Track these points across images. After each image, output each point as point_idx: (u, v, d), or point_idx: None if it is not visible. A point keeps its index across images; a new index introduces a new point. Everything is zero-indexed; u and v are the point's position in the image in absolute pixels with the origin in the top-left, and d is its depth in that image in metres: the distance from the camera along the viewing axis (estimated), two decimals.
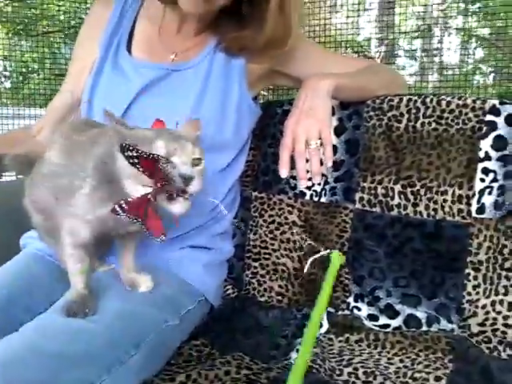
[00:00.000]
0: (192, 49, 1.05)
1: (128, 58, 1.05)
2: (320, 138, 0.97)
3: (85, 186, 0.73)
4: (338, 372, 0.89)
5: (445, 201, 1.03)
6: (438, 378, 0.85)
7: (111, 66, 1.04)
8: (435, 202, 1.04)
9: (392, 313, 1.04)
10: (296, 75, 1.12)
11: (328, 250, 0.94)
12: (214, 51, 1.04)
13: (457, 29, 3.96)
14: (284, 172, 0.98)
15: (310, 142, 0.96)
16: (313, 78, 1.01)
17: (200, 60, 1.03)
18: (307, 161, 0.97)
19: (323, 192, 1.15)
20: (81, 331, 0.72)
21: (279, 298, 1.17)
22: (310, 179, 0.99)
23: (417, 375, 0.86)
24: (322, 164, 0.98)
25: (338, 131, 1.14)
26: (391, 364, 0.91)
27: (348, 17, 3.40)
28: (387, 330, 1.03)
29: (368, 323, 1.05)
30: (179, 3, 0.95)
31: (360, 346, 0.98)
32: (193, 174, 0.69)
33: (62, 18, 3.06)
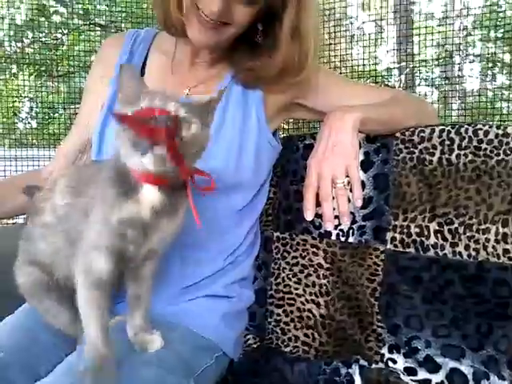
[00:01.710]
0: (207, 82, 1.00)
1: None
2: (347, 176, 0.90)
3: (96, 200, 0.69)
4: None
5: (487, 240, 0.93)
6: None
7: None
8: (476, 242, 0.94)
9: (433, 366, 0.93)
10: (316, 107, 1.06)
11: None
12: (230, 84, 0.99)
13: (478, 55, 3.89)
14: (309, 214, 0.91)
15: (336, 181, 0.89)
16: (337, 112, 0.95)
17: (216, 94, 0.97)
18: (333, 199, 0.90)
19: (351, 231, 1.06)
20: None
21: (305, 348, 1.07)
22: (336, 217, 0.92)
23: None
24: (349, 202, 0.91)
25: (365, 166, 1.06)
26: None
27: (365, 46, 3.39)
28: None
29: (405, 378, 0.94)
30: (189, 35, 0.90)
31: None
32: (180, 114, 0.62)
33: (82, 57, 3.12)
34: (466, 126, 0.99)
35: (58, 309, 0.82)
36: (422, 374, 0.94)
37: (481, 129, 0.98)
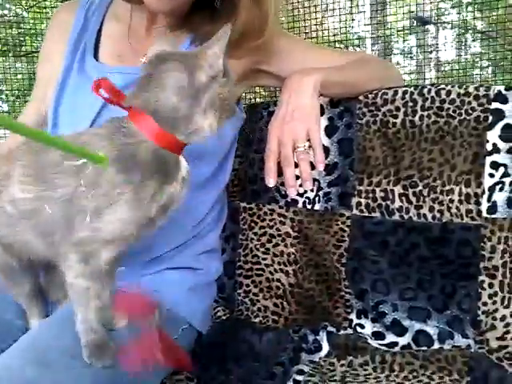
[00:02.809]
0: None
1: (95, 64, 0.95)
2: (308, 140, 0.87)
3: (120, 197, 0.62)
4: None
5: (451, 201, 0.93)
6: None
7: (77, 74, 0.95)
8: (440, 203, 0.93)
9: (399, 329, 0.94)
10: (280, 73, 1.02)
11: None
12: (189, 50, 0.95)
13: (451, 23, 3.87)
14: (271, 181, 0.89)
15: (297, 145, 0.87)
16: (295, 75, 0.92)
17: None
18: (296, 166, 0.88)
19: (317, 199, 1.04)
20: (37, 380, 0.62)
21: (275, 317, 1.06)
22: (300, 186, 0.90)
23: None
24: (312, 168, 0.89)
25: (329, 131, 1.04)
26: None
27: (341, 20, 3.34)
28: (395, 349, 0.92)
29: (373, 342, 0.95)
30: (145, 1, 0.86)
31: (365, 369, 0.87)
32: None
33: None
34: (428, 87, 0.97)
35: (20, 281, 0.79)
36: (390, 338, 0.94)
37: (443, 89, 0.96)
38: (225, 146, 1.01)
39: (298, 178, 0.89)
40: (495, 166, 0.91)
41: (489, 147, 0.91)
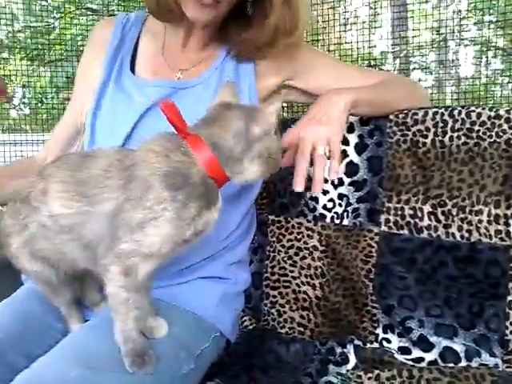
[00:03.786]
0: (199, 65, 0.99)
1: (131, 78, 0.99)
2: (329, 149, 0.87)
3: (163, 213, 0.65)
4: None
5: (480, 221, 0.94)
6: None
7: (114, 87, 0.99)
8: (469, 223, 0.95)
9: (426, 345, 0.95)
10: (308, 89, 1.05)
11: None
12: (223, 65, 0.99)
13: (472, 40, 3.87)
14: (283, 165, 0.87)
15: (317, 147, 0.86)
16: (329, 92, 0.94)
17: (209, 75, 0.97)
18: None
19: (345, 214, 1.07)
20: (81, 382, 0.66)
21: (301, 329, 1.09)
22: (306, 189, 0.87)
23: None
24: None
25: (359, 149, 1.07)
26: None
27: (362, 33, 3.37)
28: (421, 364, 0.94)
29: (400, 357, 0.96)
30: (188, 15, 0.90)
31: (392, 383, 0.89)
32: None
33: (74, 42, 3.08)
34: (459, 109, 0.99)
35: (61, 292, 0.83)
36: (416, 353, 0.96)
37: (474, 111, 0.98)
38: None
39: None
40: None
41: None
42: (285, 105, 2.02)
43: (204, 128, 0.72)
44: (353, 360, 0.96)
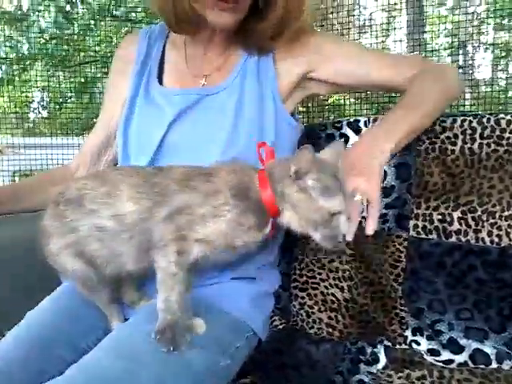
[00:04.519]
0: (222, 69, 1.03)
1: (159, 89, 1.04)
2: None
3: (225, 214, 0.75)
4: None
5: (510, 226, 0.96)
6: None
7: (143, 98, 1.04)
8: (499, 228, 0.97)
9: (456, 347, 0.97)
10: (329, 78, 1.05)
11: None
12: (245, 68, 1.01)
13: (490, 44, 3.87)
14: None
15: (354, 194, 0.85)
16: (368, 140, 0.92)
17: (232, 80, 1.01)
18: None
19: None
20: (126, 376, 0.69)
21: (329, 330, 1.11)
22: None
23: None
24: None
25: None
26: None
27: (376, 36, 3.38)
28: (451, 365, 0.96)
29: (429, 358, 0.98)
30: (210, 20, 0.94)
31: (423, 383, 0.91)
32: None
33: (96, 48, 3.14)
34: (487, 116, 1.02)
35: (99, 291, 0.87)
36: (446, 355, 0.98)
37: (503, 118, 1.00)
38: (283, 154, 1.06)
39: None
40: None
41: None
42: (301, 109, 2.04)
43: (276, 165, 0.79)
44: (383, 360, 0.98)
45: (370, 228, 0.86)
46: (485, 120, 1.02)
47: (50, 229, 0.83)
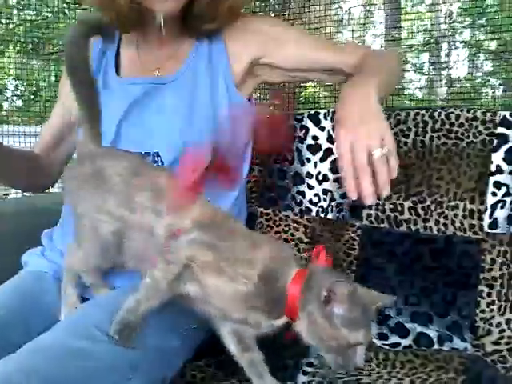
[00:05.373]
0: (174, 59, 1.04)
1: (116, 79, 1.06)
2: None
3: (241, 285, 0.72)
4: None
5: (456, 216, 1.01)
6: None
7: (101, 89, 1.04)
8: (446, 217, 1.01)
9: (402, 331, 1.01)
10: (280, 63, 1.06)
11: None
12: (197, 56, 1.03)
13: (464, 42, 3.95)
14: (355, 195, 0.79)
15: (373, 152, 0.78)
16: (351, 87, 0.89)
17: (185, 68, 1.02)
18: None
19: (330, 208, 1.13)
20: (79, 354, 0.71)
21: None
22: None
23: None
24: None
25: None
26: None
27: (353, 30, 3.42)
28: (397, 348, 1.00)
29: (378, 342, 1.02)
30: (156, 9, 0.94)
31: (369, 365, 0.95)
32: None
33: None
34: (439, 110, 1.06)
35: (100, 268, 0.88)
36: (393, 339, 1.02)
37: (452, 112, 1.04)
38: (241, 138, 1.07)
39: None
40: (498, 185, 0.99)
41: (493, 168, 1.00)
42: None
43: (319, 273, 0.74)
44: None
45: (394, 175, 0.80)
46: (436, 114, 1.06)
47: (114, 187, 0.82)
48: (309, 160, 1.16)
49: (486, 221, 0.98)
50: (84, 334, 0.75)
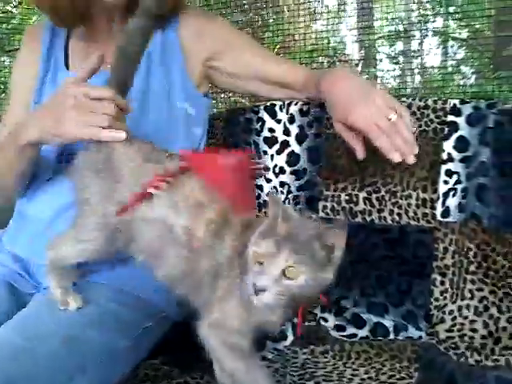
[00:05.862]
0: None
1: (65, 72, 1.03)
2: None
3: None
4: None
5: (409, 205, 1.01)
6: None
7: (51, 86, 1.02)
8: (399, 207, 1.02)
9: (359, 322, 1.02)
10: (227, 68, 1.08)
11: None
12: (149, 50, 0.99)
13: (434, 31, 3.98)
14: (397, 156, 0.88)
15: (389, 117, 0.87)
16: (335, 75, 0.97)
17: None
18: None
19: (287, 201, 1.12)
20: (23, 352, 0.70)
21: None
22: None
23: None
24: None
25: (299, 139, 1.12)
26: (355, 376, 0.88)
27: (328, 19, 3.41)
28: (354, 339, 1.00)
29: (335, 333, 1.02)
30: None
31: (325, 357, 0.95)
32: (265, 287, 0.62)
33: None
34: None
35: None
36: (350, 330, 1.02)
37: (404, 102, 1.04)
38: (197, 133, 1.06)
39: None
40: (449, 173, 0.99)
41: (444, 156, 1.00)
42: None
43: None
44: (290, 337, 1.02)
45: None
46: None
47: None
48: (265, 153, 1.15)
49: (439, 209, 0.99)
50: (31, 333, 0.75)
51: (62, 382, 0.70)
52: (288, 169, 1.12)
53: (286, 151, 1.13)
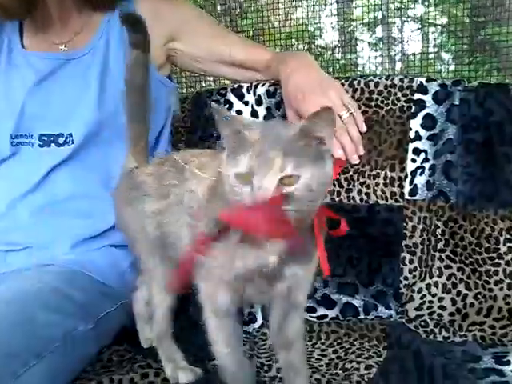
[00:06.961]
0: (82, 33, 1.00)
1: (21, 51, 1.00)
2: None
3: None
4: (266, 368, 0.85)
5: (377, 184, 1.00)
6: (368, 367, 0.81)
7: (5, 63, 0.99)
8: (368, 187, 1.01)
9: (329, 303, 1.01)
10: (189, 49, 1.08)
11: None
12: (108, 30, 0.99)
13: (414, 18, 3.98)
14: (339, 154, 0.95)
15: (340, 114, 0.92)
16: (292, 60, 0.99)
17: (95, 41, 0.98)
18: None
19: None
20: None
21: None
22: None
23: (348, 366, 0.83)
24: None
25: (267, 120, 1.10)
26: (324, 356, 0.87)
27: (308, 6, 3.38)
28: (324, 320, 1.00)
29: (305, 315, 1.01)
30: None
31: None
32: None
33: None
34: (358, 79, 1.04)
35: None
36: (321, 311, 1.01)
37: (372, 80, 1.03)
38: (159, 118, 1.05)
39: None
40: (417, 152, 0.99)
41: (412, 135, 0.99)
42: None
43: None
44: (260, 319, 1.01)
45: (364, 129, 0.96)
46: (355, 83, 1.04)
47: (148, 187, 0.78)
48: None
49: (407, 188, 0.98)
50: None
51: (16, 369, 0.67)
52: None
53: None
